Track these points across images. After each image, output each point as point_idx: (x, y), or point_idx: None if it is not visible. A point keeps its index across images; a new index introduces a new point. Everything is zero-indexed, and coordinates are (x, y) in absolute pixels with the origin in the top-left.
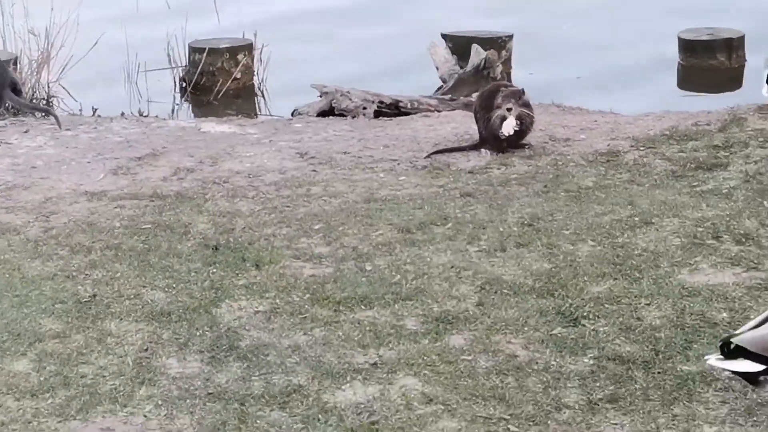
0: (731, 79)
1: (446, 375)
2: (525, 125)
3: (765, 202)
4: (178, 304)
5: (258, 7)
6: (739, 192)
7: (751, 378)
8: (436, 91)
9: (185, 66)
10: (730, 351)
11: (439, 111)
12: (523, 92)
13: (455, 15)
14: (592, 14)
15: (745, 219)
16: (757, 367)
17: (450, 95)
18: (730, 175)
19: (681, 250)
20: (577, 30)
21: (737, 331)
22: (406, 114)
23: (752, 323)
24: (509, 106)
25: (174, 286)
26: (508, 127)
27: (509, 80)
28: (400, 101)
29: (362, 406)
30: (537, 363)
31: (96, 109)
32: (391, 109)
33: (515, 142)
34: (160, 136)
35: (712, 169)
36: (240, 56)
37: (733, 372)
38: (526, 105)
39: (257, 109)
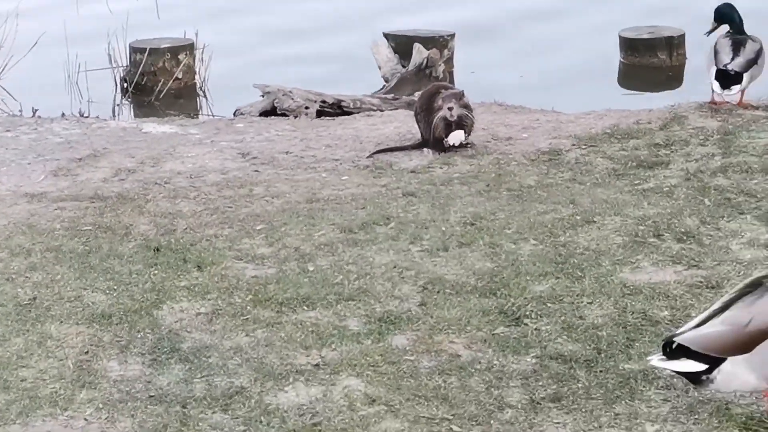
0: (672, 78)
1: (389, 375)
2: (466, 127)
3: (706, 200)
4: (119, 306)
5: (199, 4)
6: (680, 190)
7: (693, 378)
8: (379, 90)
9: (126, 66)
10: (672, 350)
11: (381, 110)
12: (462, 94)
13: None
14: (534, 13)
15: (686, 217)
16: (699, 367)
17: (393, 94)
18: (671, 173)
19: (622, 249)
20: (519, 28)
21: (679, 330)
22: (349, 113)
23: (694, 322)
24: (450, 105)
25: (115, 288)
26: (455, 138)
27: (451, 79)
28: (343, 101)
29: (305, 407)
30: (480, 363)
31: (36, 110)
32: (334, 109)
33: (457, 145)
34: (101, 136)
35: (653, 167)
36: (181, 56)
37: (676, 372)
38: (467, 106)
39: (199, 109)
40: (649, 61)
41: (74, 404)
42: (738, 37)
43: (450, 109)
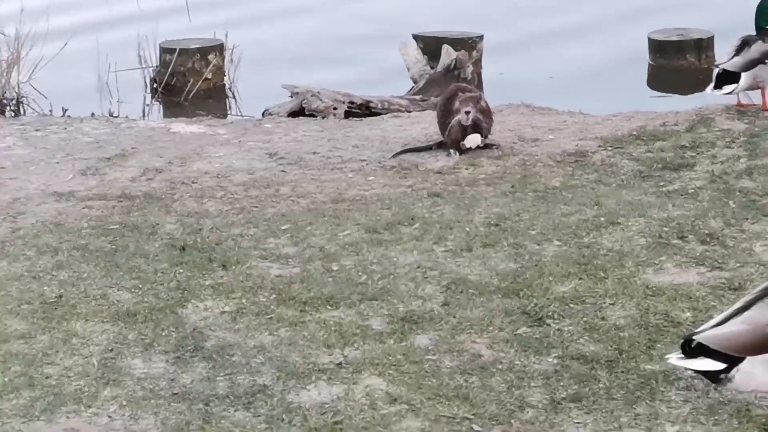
0: (701, 80)
1: (411, 375)
2: (482, 131)
3: (730, 202)
4: (144, 304)
5: (230, 8)
6: (705, 192)
7: (712, 376)
8: (408, 91)
9: (156, 66)
10: (692, 349)
11: (409, 111)
12: (480, 97)
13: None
14: (562, 15)
15: (711, 219)
16: (718, 366)
17: (421, 95)
18: (696, 175)
19: (646, 250)
20: (548, 30)
21: (699, 329)
22: (377, 114)
23: (714, 321)
24: (467, 109)
25: (140, 286)
26: (471, 142)
27: (480, 81)
28: (371, 101)
29: (326, 405)
30: (501, 362)
31: (66, 110)
32: (362, 110)
33: (473, 148)
34: (130, 136)
35: (678, 169)
36: (211, 56)
37: (695, 371)
38: (483, 110)
39: (228, 110)
40: (678, 64)
41: (98, 401)
42: (750, 36)
43: (467, 113)
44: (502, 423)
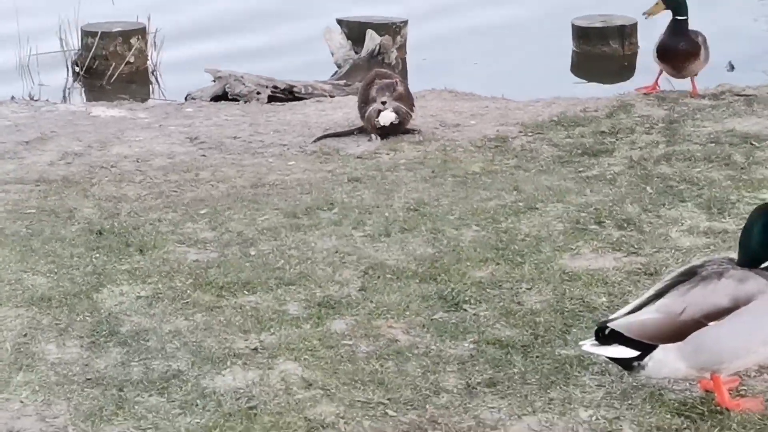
0: (624, 66)
1: (326, 360)
2: (401, 116)
3: (648, 188)
4: (60, 289)
5: None
6: (623, 178)
7: (625, 364)
8: (331, 76)
9: (78, 50)
10: (605, 336)
11: (333, 96)
12: (396, 83)
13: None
14: (488, 1)
15: (628, 204)
16: (631, 353)
17: (345, 81)
18: (615, 161)
19: (563, 235)
20: (473, 16)
21: (612, 316)
22: (300, 99)
23: (627, 308)
24: (383, 99)
25: (56, 271)
26: (385, 118)
27: (404, 66)
28: (294, 86)
29: (241, 390)
30: (417, 347)
31: None
32: (286, 94)
33: (394, 132)
34: (50, 120)
35: (597, 155)
36: (133, 40)
37: (608, 358)
38: (401, 96)
39: (151, 94)
40: (602, 50)
41: (10, 387)
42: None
43: (383, 103)
44: (417, 408)
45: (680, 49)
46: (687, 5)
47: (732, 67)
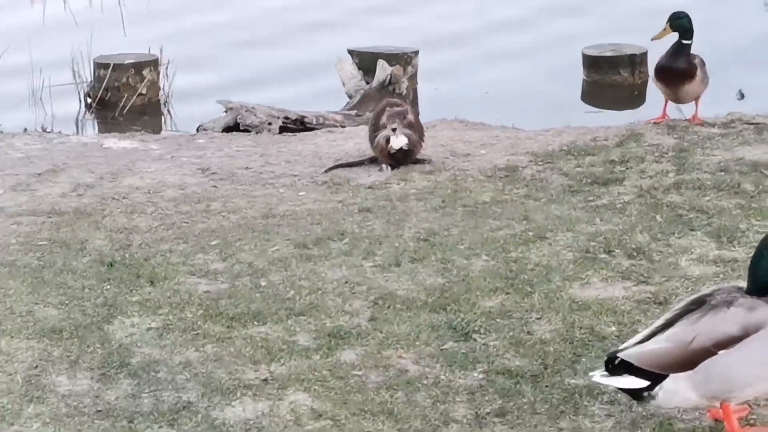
0: (634, 95)
1: (336, 390)
2: (411, 143)
3: (657, 217)
4: (71, 321)
5: (165, 22)
6: (633, 207)
7: (636, 394)
8: (343, 107)
9: (90, 82)
10: (615, 366)
11: (344, 126)
12: (407, 111)
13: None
14: (498, 31)
15: (638, 233)
16: (641, 383)
17: (356, 111)
18: (625, 189)
19: (573, 264)
20: (484, 46)
21: (622, 346)
22: (312, 130)
23: (637, 338)
24: (394, 126)
25: (67, 302)
26: (396, 143)
27: (415, 96)
28: (306, 117)
29: (251, 422)
30: (427, 378)
31: None
32: (297, 125)
33: (405, 161)
34: (62, 152)
35: (607, 184)
36: (145, 72)
37: (618, 388)
38: (411, 125)
39: (163, 125)
40: (612, 79)
41: (21, 419)
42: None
43: (393, 129)
44: None
45: (677, 69)
46: (693, 31)
47: (742, 96)
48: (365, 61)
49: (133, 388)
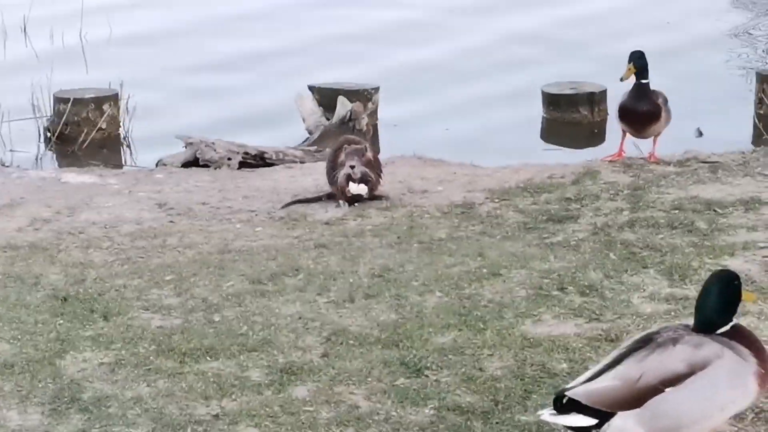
0: (594, 133)
1: (287, 426)
2: (370, 184)
3: (611, 254)
4: (23, 355)
5: (127, 51)
6: (587, 244)
7: None
8: (302, 142)
9: (50, 116)
10: (563, 404)
11: (303, 162)
12: (366, 149)
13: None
14: (458, 67)
15: (591, 271)
16: (589, 422)
17: (316, 147)
18: (579, 227)
19: (526, 301)
20: (445, 83)
21: (570, 384)
22: (272, 165)
23: (585, 376)
24: (352, 163)
25: (19, 337)
26: (356, 189)
27: (375, 133)
28: (265, 152)
29: None
30: (378, 413)
31: None
32: (257, 160)
33: (362, 198)
34: (20, 186)
35: (562, 221)
36: (105, 106)
37: (567, 427)
38: (369, 162)
39: (123, 160)
40: (571, 117)
41: None
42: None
43: (352, 167)
44: None
45: (641, 112)
46: (648, 69)
47: (700, 134)
48: (326, 97)
49: (83, 423)
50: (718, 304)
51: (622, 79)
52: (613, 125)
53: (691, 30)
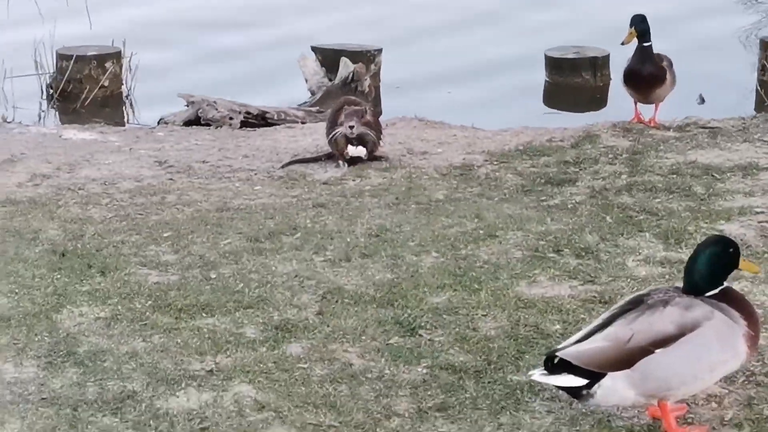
0: (596, 98)
1: (281, 382)
2: (367, 144)
3: (608, 218)
4: (19, 309)
5: (130, 10)
6: (584, 207)
7: (574, 392)
8: (304, 103)
9: (52, 73)
10: (554, 365)
11: (304, 123)
12: (365, 110)
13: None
14: (464, 29)
15: (587, 234)
16: (579, 382)
17: (317, 107)
18: (577, 190)
19: (521, 263)
20: (449, 45)
21: (561, 345)
22: (273, 125)
23: (575, 337)
24: (351, 124)
25: (17, 291)
26: (354, 152)
27: (378, 94)
28: (267, 112)
29: (194, 412)
30: (371, 372)
31: None
32: (258, 120)
33: (362, 159)
34: (20, 142)
35: (560, 184)
36: (108, 64)
37: (557, 387)
38: (368, 123)
39: (125, 118)
40: (574, 81)
41: None
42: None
43: (351, 127)
44: (368, 431)
45: (646, 74)
46: (650, 32)
47: (702, 101)
48: (328, 59)
49: (78, 376)
50: (706, 269)
51: (623, 43)
52: (616, 90)
53: None
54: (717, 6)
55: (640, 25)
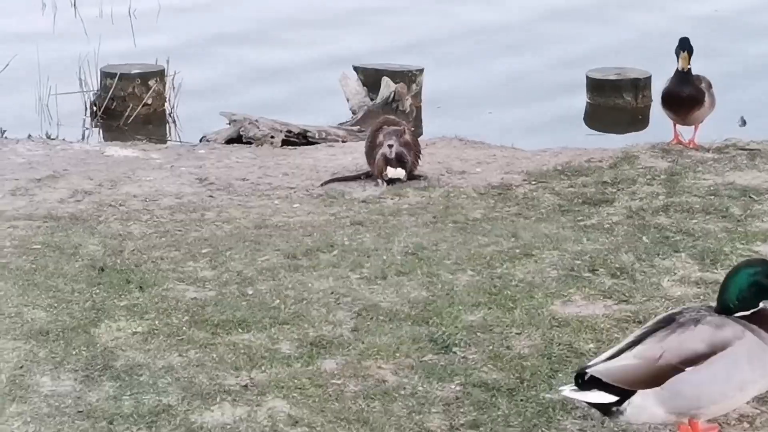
0: (637, 119)
1: (314, 398)
2: (406, 165)
3: (644, 238)
4: (58, 323)
5: (174, 28)
6: (621, 227)
7: (604, 409)
8: (345, 122)
9: (96, 90)
10: (585, 381)
11: (345, 141)
12: (404, 131)
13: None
14: (505, 50)
15: (623, 253)
16: (609, 398)
17: (358, 127)
18: (614, 210)
19: (556, 282)
20: (490, 66)
21: (591, 362)
22: (314, 144)
23: (607, 353)
24: (390, 143)
25: (56, 305)
26: (393, 173)
27: (419, 114)
28: (308, 131)
29: (228, 427)
30: (404, 388)
31: (4, 131)
32: (299, 139)
33: (400, 179)
34: (64, 158)
35: (598, 204)
36: (151, 82)
37: (588, 403)
38: (407, 144)
39: (167, 136)
40: (615, 102)
41: (3, 417)
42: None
43: (390, 146)
44: None
45: (684, 96)
46: (692, 51)
47: (744, 123)
48: (370, 78)
49: (114, 390)
50: (738, 292)
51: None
52: (658, 111)
53: (741, 19)
54: (761, 28)
55: (690, 48)
